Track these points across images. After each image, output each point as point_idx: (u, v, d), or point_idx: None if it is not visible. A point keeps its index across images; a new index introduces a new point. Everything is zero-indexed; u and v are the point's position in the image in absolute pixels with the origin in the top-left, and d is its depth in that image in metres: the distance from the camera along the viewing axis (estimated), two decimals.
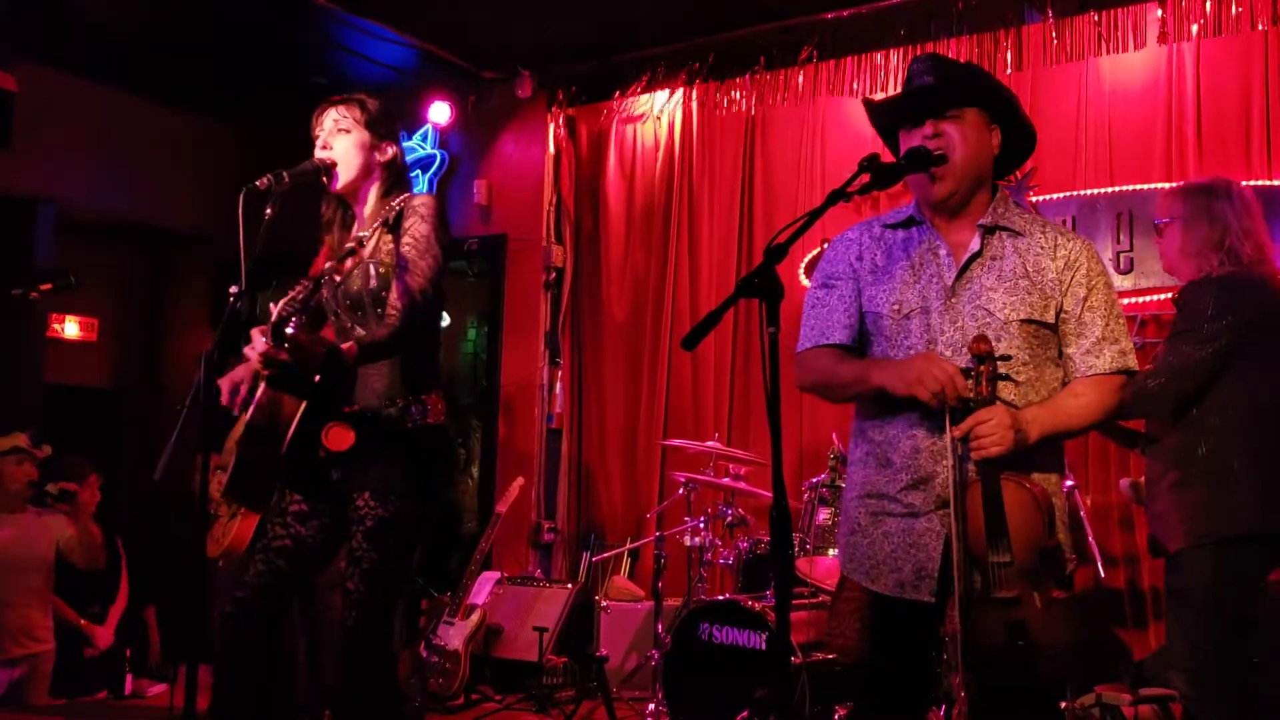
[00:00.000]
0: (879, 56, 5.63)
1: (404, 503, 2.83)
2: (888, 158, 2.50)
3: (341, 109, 2.98)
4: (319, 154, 2.95)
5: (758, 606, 4.19)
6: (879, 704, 2.48)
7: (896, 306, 2.45)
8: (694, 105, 6.19)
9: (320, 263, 3.02)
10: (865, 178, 2.36)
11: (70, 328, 7.34)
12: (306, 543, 2.89)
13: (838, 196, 2.33)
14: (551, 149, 6.51)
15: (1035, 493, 2.27)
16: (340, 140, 2.96)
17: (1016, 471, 2.29)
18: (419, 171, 6.56)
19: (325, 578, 3.72)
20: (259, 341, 2.68)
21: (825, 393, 2.59)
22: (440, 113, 6.53)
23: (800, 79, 5.84)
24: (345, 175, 2.95)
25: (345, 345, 2.69)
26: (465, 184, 6.57)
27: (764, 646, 4.12)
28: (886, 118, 2.61)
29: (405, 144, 5.77)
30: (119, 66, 6.55)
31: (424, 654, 5.13)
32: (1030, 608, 2.21)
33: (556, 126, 6.53)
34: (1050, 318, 2.38)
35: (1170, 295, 3.45)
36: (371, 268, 2.87)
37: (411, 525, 2.85)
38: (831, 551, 4.19)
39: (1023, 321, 2.36)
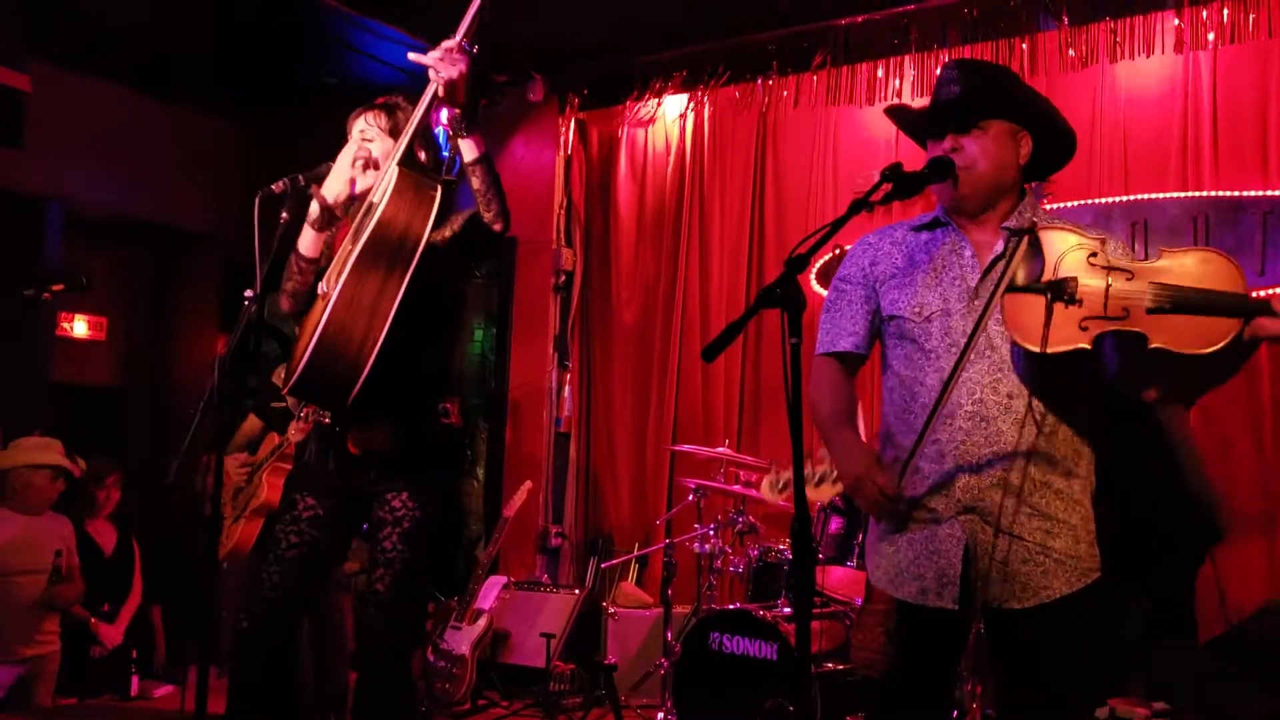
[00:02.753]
0: (892, 63, 5.61)
1: (436, 505, 2.86)
2: (905, 165, 2.46)
3: (370, 116, 2.96)
4: (350, 149, 2.94)
5: (769, 616, 4.17)
6: (902, 715, 2.46)
7: (918, 309, 2.44)
8: (705, 110, 6.17)
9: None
10: (887, 187, 2.34)
11: (79, 326, 7.34)
12: (320, 548, 2.88)
13: (860, 206, 2.31)
14: (562, 152, 6.50)
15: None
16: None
17: (1051, 479, 2.27)
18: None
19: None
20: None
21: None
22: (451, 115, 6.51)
23: (813, 84, 5.81)
24: (364, 180, 2.93)
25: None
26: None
27: (775, 657, 4.09)
28: (914, 129, 2.59)
29: None
30: (129, 66, 6.55)
31: (430, 659, 5.11)
32: None
33: (567, 130, 6.52)
34: None
35: None
36: None
37: (434, 528, 2.86)
38: (849, 562, 4.17)
39: None
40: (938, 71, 5.34)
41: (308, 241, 2.89)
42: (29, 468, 4.74)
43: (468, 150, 2.76)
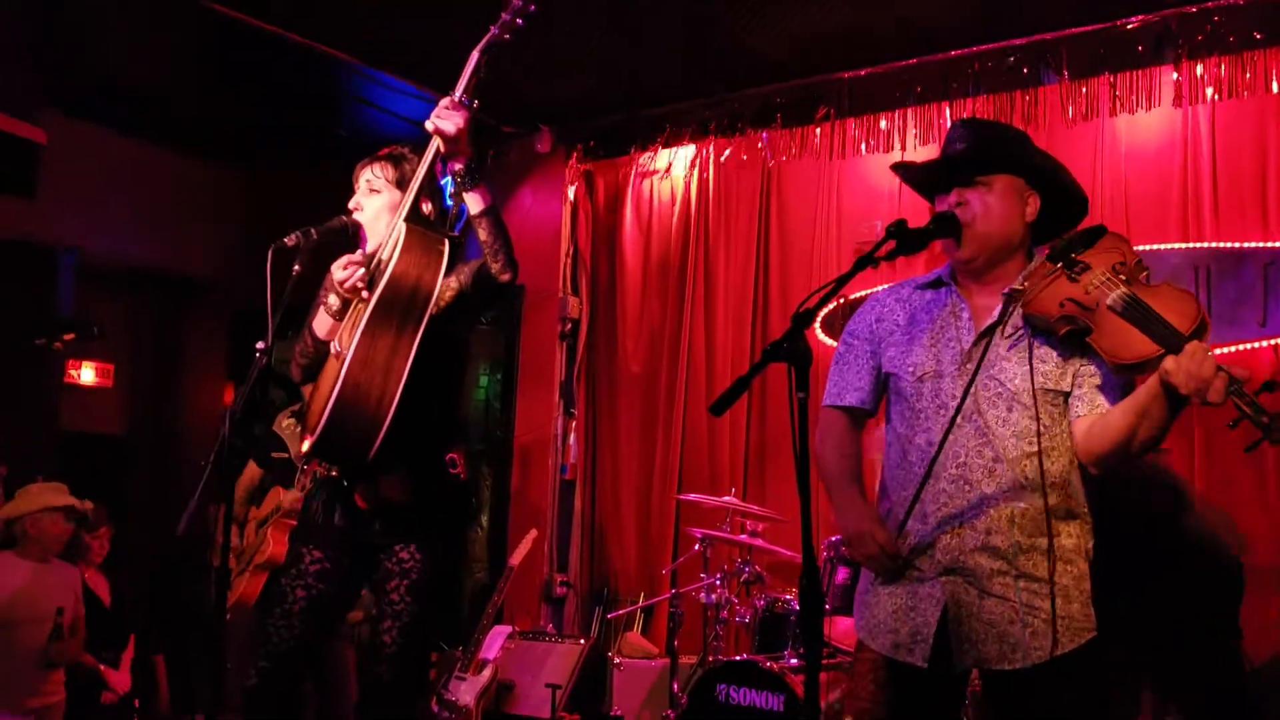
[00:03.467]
0: (895, 115, 5.67)
1: (443, 558, 2.88)
2: (909, 219, 2.49)
3: (376, 168, 3.00)
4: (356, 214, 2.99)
5: (776, 667, 4.15)
6: None
7: (913, 369, 2.46)
8: (710, 161, 6.24)
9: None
10: (892, 244, 2.36)
11: (86, 373, 7.37)
12: (328, 602, 2.88)
13: (865, 262, 2.33)
14: (569, 202, 6.57)
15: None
16: (371, 201, 2.98)
17: (1039, 541, 2.29)
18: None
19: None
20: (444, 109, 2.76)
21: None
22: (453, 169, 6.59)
23: (817, 136, 5.88)
24: (374, 238, 2.97)
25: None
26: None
27: (782, 708, 4.07)
28: (921, 184, 2.61)
29: None
30: (139, 116, 6.65)
31: (435, 709, 5.08)
32: None
33: (574, 180, 6.59)
34: (1066, 385, 2.35)
35: None
36: None
37: (441, 580, 2.88)
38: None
39: (1033, 390, 2.33)
40: (940, 124, 5.47)
41: (324, 326, 2.93)
42: (42, 511, 4.75)
43: (474, 203, 2.80)
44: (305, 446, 2.77)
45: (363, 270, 2.82)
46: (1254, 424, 2.02)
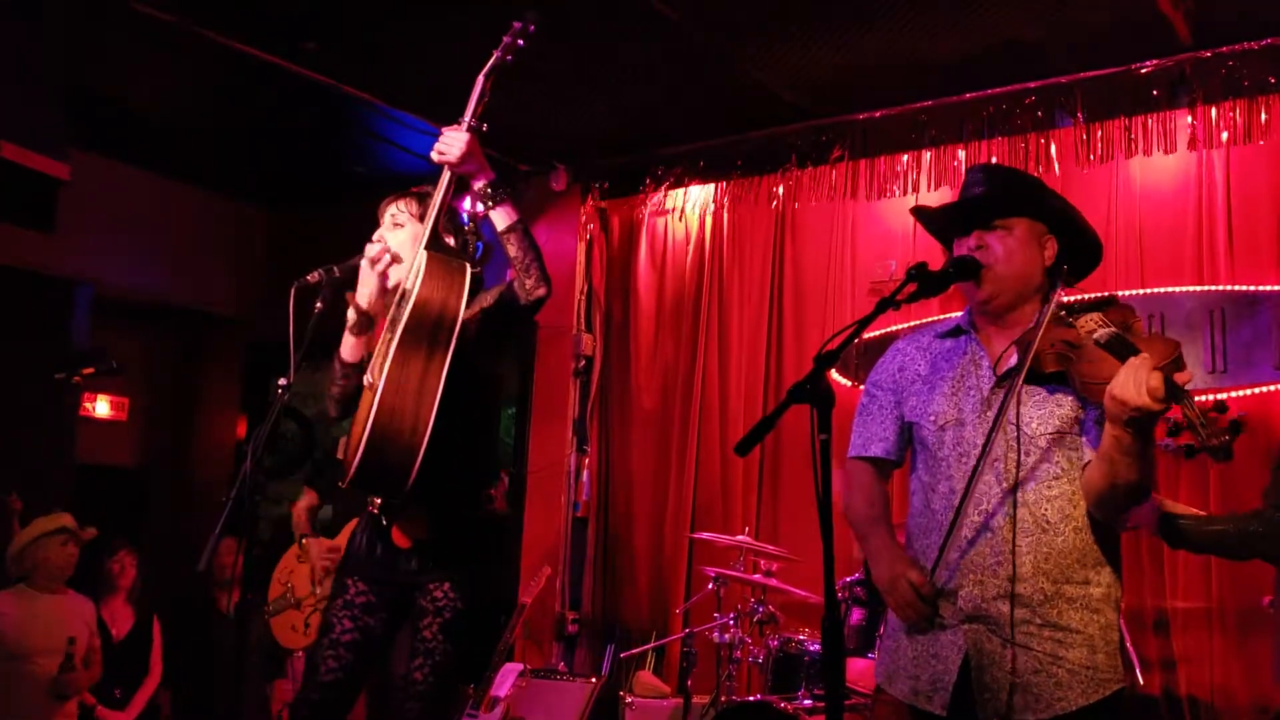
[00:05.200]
0: (909, 157, 5.71)
1: (476, 594, 2.88)
2: (924, 259, 2.51)
3: (401, 203, 3.04)
4: (370, 249, 3.01)
5: (790, 708, 4.12)
6: None
7: (934, 418, 2.47)
8: (725, 200, 6.27)
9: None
10: (912, 286, 2.38)
11: (101, 407, 7.40)
12: (374, 634, 2.90)
13: (886, 305, 2.35)
14: (584, 239, 6.61)
15: None
16: (394, 235, 3.01)
17: (1064, 589, 2.29)
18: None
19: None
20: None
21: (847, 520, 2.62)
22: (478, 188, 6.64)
23: (832, 177, 5.92)
24: (395, 272, 2.99)
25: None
26: (498, 271, 6.61)
27: None
28: (938, 226, 2.63)
29: None
30: (157, 151, 6.70)
31: None
32: None
33: (589, 218, 6.63)
34: (1080, 428, 2.36)
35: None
36: None
37: (472, 618, 2.89)
38: (870, 654, 4.14)
39: (1051, 434, 2.35)
40: (955, 166, 5.50)
41: (348, 347, 2.96)
42: (38, 539, 4.78)
43: (501, 219, 2.84)
44: (347, 478, 2.78)
45: (388, 258, 2.84)
46: (1194, 431, 2.04)
